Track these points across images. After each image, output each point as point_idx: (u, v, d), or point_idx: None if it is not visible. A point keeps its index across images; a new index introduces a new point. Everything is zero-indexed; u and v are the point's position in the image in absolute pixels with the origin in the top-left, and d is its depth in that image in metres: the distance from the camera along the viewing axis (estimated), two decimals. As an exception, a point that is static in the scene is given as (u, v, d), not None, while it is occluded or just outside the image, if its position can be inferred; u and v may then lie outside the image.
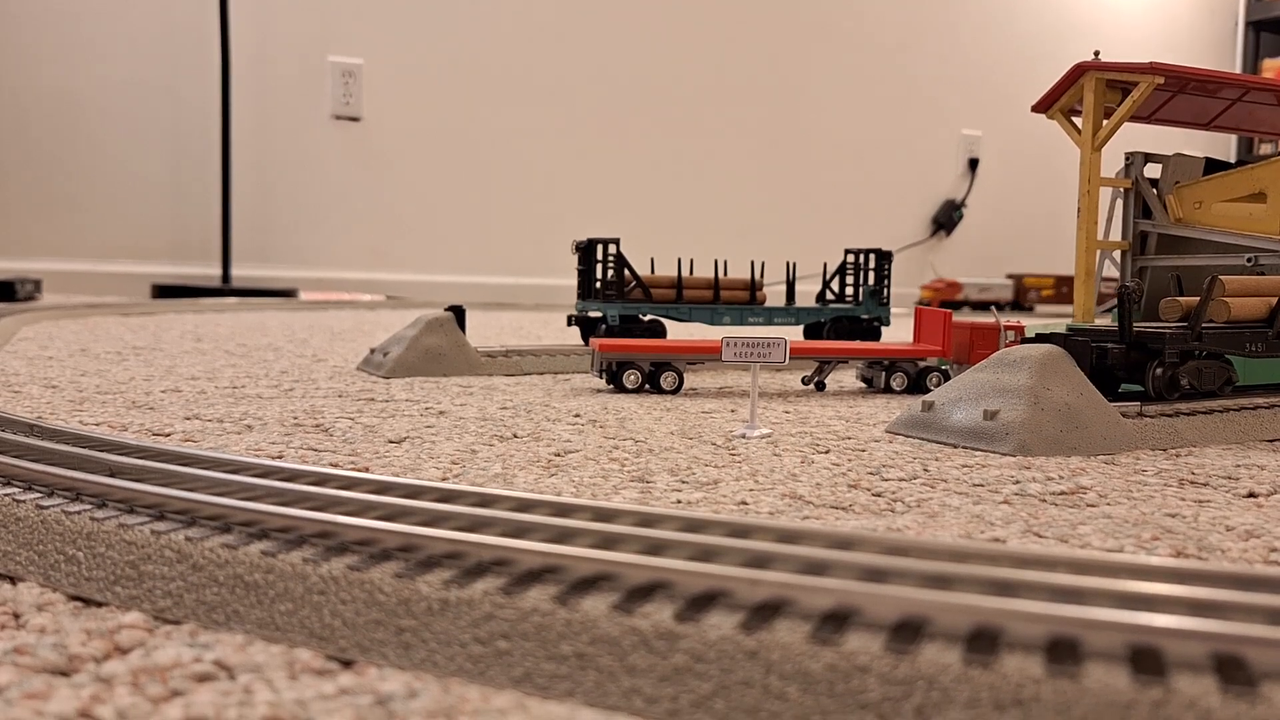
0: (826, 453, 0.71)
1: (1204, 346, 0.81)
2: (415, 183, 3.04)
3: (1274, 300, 0.84)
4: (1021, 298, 3.59)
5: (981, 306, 3.39)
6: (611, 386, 1.05)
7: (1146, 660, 0.30)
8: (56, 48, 2.63)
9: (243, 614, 0.37)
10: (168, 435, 0.72)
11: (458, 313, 1.20)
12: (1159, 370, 0.80)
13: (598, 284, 1.26)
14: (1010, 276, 3.67)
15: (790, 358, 0.83)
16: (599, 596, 0.34)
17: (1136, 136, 0.93)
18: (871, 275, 1.34)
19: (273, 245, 2.86)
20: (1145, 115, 0.98)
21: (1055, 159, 3.51)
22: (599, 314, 1.28)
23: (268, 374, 1.11)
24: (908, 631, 0.32)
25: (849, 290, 1.35)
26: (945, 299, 3.39)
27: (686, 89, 3.38)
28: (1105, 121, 0.91)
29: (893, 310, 1.35)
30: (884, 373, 1.09)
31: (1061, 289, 3.64)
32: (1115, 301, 0.82)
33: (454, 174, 3.08)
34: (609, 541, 0.39)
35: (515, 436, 0.75)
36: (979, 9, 3.88)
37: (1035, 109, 0.96)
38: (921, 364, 1.08)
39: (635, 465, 0.65)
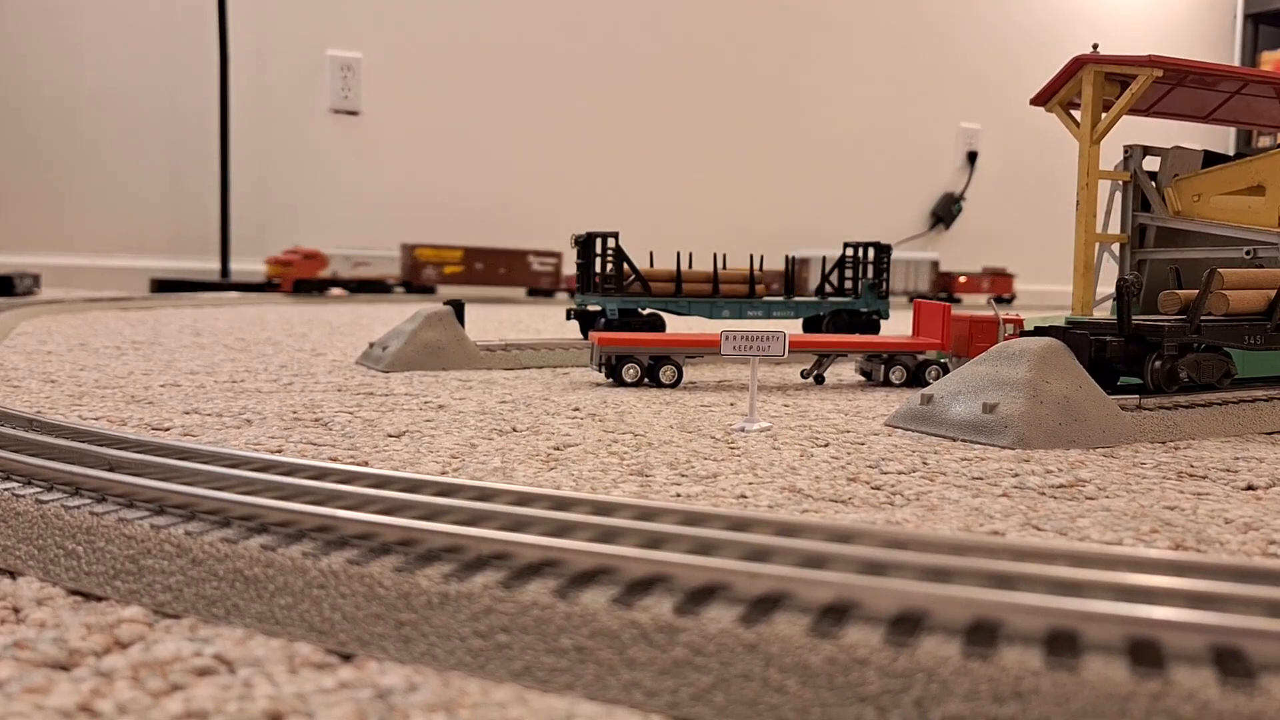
0: (826, 446, 0.71)
1: (1203, 339, 0.81)
2: (414, 176, 3.04)
3: (1272, 293, 0.84)
4: (415, 275, 2.86)
5: (354, 286, 2.73)
6: (610, 380, 1.05)
7: (1145, 653, 0.30)
8: (55, 43, 2.62)
9: (242, 608, 0.37)
10: (167, 430, 0.72)
11: (457, 307, 1.20)
12: (1158, 363, 0.80)
13: (597, 278, 1.26)
14: (404, 247, 2.91)
15: (789, 351, 0.83)
16: (598, 590, 0.34)
17: (1135, 129, 0.93)
18: (870, 269, 1.34)
19: (272, 239, 2.86)
20: (1144, 108, 0.98)
21: (1054, 152, 3.51)
22: (598, 308, 1.28)
23: (267, 368, 1.11)
24: (907, 624, 0.32)
25: (848, 283, 1.35)
26: (302, 276, 2.66)
27: (686, 83, 3.37)
28: (1104, 114, 0.91)
29: (891, 303, 1.35)
30: (883, 366, 1.09)
31: (474, 264, 2.93)
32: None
33: (453, 167, 3.08)
34: (608, 535, 0.39)
35: (514, 430, 0.75)
36: (978, 2, 3.87)
37: (1034, 102, 0.96)
38: (920, 357, 1.08)
39: (634, 459, 0.65)
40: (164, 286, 2.61)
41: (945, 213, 3.84)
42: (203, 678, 0.32)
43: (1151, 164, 0.96)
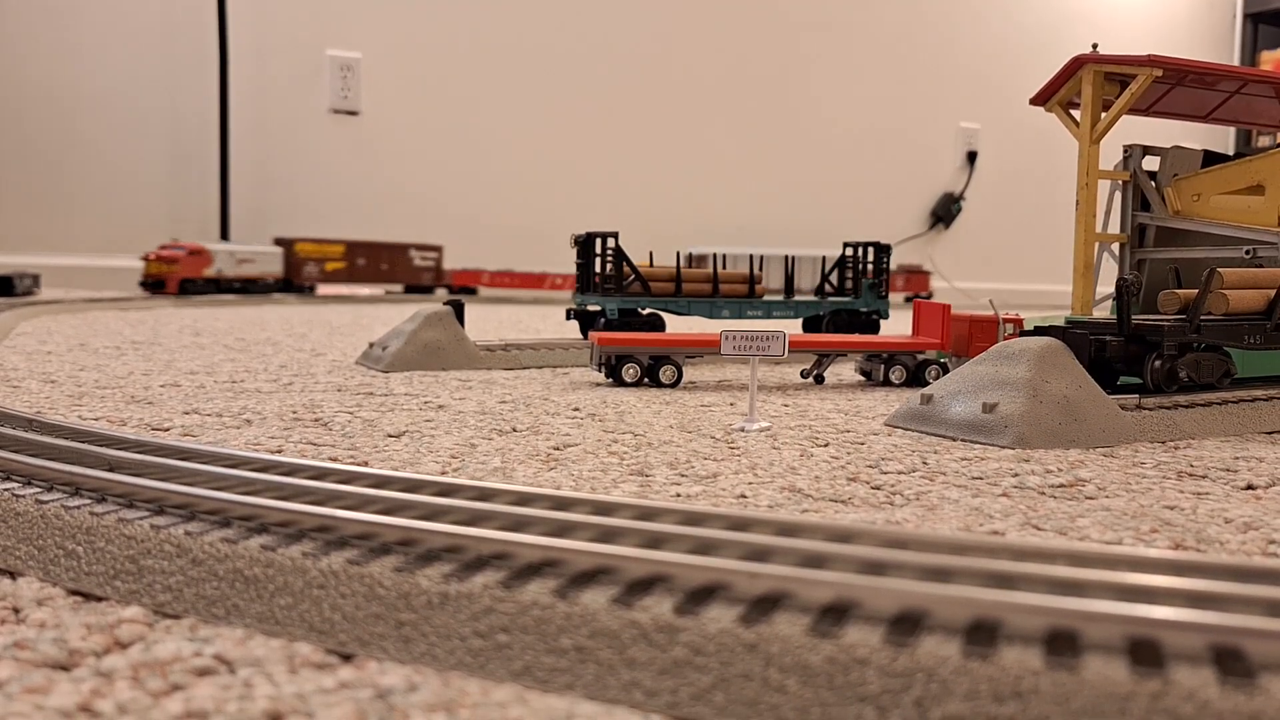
0: (825, 446, 0.71)
1: (1202, 339, 0.81)
2: (414, 176, 3.04)
3: (1272, 293, 0.84)
4: (296, 273, 2.67)
5: (235, 288, 2.48)
6: (610, 380, 1.05)
7: (1145, 652, 0.30)
8: (54, 42, 2.62)
9: (242, 608, 0.37)
10: (167, 430, 0.72)
11: (456, 307, 1.20)
12: (1157, 363, 0.80)
13: (596, 278, 1.26)
14: (279, 241, 2.71)
15: (789, 351, 0.83)
16: (598, 590, 0.34)
17: (1135, 129, 0.93)
18: (870, 268, 1.34)
19: (271, 239, 2.86)
20: (1143, 108, 0.98)
21: (1053, 152, 3.50)
22: (598, 308, 1.28)
23: (266, 368, 1.11)
24: (907, 624, 0.32)
25: (848, 283, 1.35)
26: (188, 275, 2.40)
27: (685, 82, 3.37)
28: (1104, 114, 0.91)
29: (891, 303, 1.35)
30: (883, 366, 1.09)
31: (356, 260, 2.76)
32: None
33: (452, 167, 3.08)
34: (608, 535, 0.39)
35: (514, 430, 0.75)
36: (978, 2, 3.87)
37: (1033, 102, 0.96)
38: (920, 357, 1.08)
39: (634, 459, 0.65)
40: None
41: (945, 212, 3.84)
42: (203, 678, 0.32)
43: (1151, 164, 0.96)
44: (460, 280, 3.00)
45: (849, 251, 1.35)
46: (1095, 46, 0.92)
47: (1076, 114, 0.93)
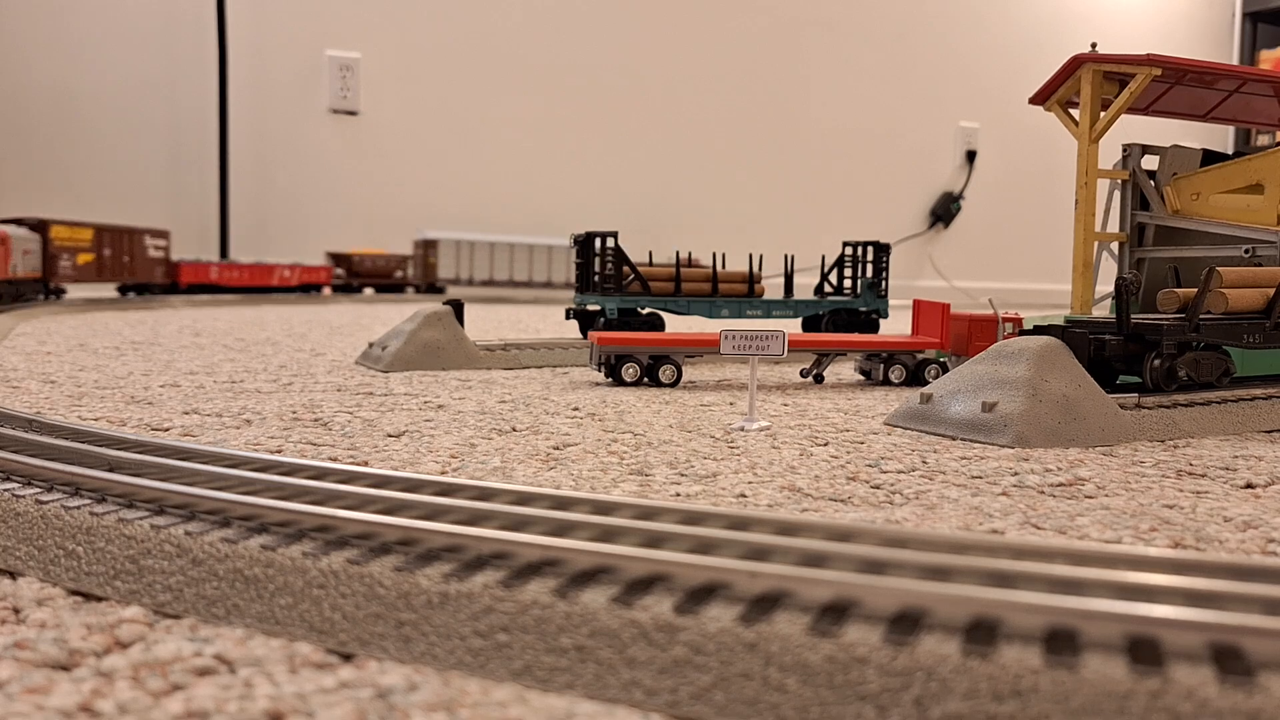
0: (825, 445, 0.71)
1: (1201, 338, 0.81)
2: (413, 176, 3.04)
3: (1271, 291, 0.84)
4: (51, 269, 2.16)
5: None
6: (610, 380, 1.05)
7: (1144, 651, 0.30)
8: (54, 42, 2.62)
9: (243, 608, 0.37)
10: (166, 430, 0.72)
11: (456, 307, 1.20)
12: (1157, 362, 0.80)
13: (596, 277, 1.26)
14: (27, 223, 2.16)
15: (789, 350, 0.83)
16: (598, 589, 0.34)
17: (1134, 128, 0.93)
18: (869, 268, 1.34)
19: (270, 239, 2.86)
20: (1143, 107, 0.98)
21: (1053, 151, 3.51)
22: (597, 307, 1.28)
23: (266, 368, 1.11)
24: (907, 623, 0.32)
25: (847, 283, 1.35)
26: (4, 274, 1.93)
27: (684, 82, 3.37)
28: (1103, 113, 0.91)
29: (891, 303, 1.35)
30: (882, 365, 1.09)
31: (103, 250, 2.30)
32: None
33: (452, 167, 3.08)
34: (608, 534, 0.39)
35: (514, 430, 0.75)
36: (977, 1, 3.87)
37: (1033, 101, 0.96)
38: (920, 356, 1.08)
39: (634, 458, 0.65)
40: (163, 286, 2.61)
41: (944, 212, 3.84)
42: (203, 678, 0.32)
43: (1150, 163, 0.96)
44: (189, 276, 2.59)
45: (848, 251, 1.35)
46: (1094, 46, 0.92)
47: (1075, 113, 0.93)
